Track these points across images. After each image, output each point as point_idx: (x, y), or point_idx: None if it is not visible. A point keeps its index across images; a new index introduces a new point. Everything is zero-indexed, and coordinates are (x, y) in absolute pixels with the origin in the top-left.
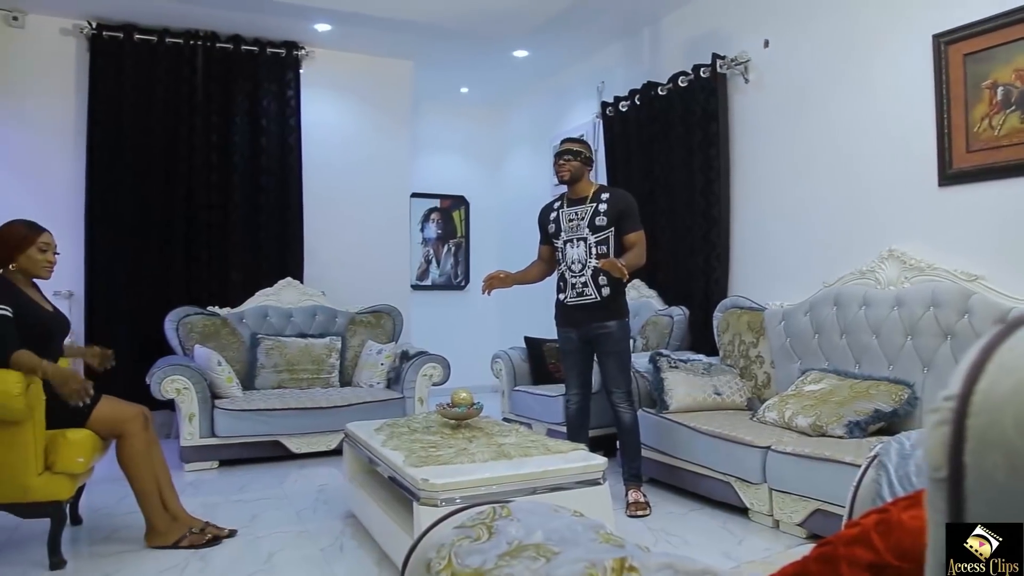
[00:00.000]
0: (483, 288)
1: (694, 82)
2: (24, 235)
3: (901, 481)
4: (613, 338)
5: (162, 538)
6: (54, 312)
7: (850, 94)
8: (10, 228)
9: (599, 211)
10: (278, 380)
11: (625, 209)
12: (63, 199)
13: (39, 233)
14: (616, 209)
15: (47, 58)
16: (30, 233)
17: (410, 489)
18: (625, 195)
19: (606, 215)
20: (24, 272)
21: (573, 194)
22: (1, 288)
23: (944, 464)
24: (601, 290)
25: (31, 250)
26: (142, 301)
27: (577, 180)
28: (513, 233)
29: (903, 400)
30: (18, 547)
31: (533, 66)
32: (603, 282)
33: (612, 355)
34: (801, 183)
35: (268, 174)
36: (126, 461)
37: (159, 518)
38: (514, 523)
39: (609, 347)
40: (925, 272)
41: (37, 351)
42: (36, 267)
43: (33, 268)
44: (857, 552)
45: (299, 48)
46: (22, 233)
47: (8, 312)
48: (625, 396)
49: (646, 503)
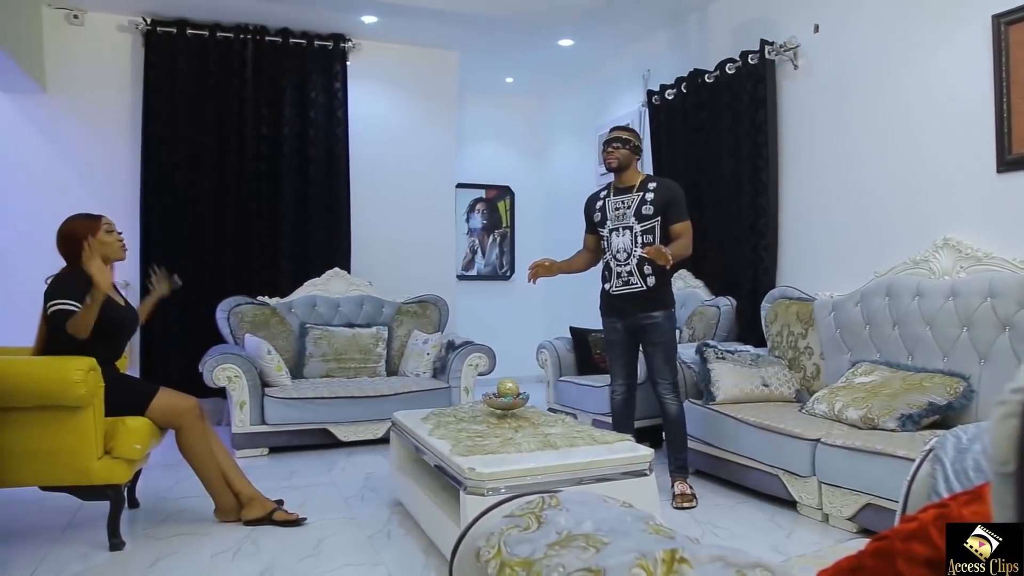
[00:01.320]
0: (529, 276)
1: (742, 69)
2: (89, 224)
3: (958, 476)
4: (659, 329)
5: (230, 514)
6: (126, 306)
7: (903, 78)
8: (73, 224)
9: (646, 200)
10: (326, 369)
11: (672, 199)
12: (120, 192)
13: (99, 218)
14: (663, 199)
15: (104, 54)
16: (92, 221)
17: (457, 478)
18: (672, 185)
19: (652, 204)
20: (104, 259)
21: (620, 183)
22: (74, 281)
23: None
24: (647, 279)
25: (100, 234)
26: (195, 291)
27: (625, 168)
28: (558, 223)
29: (958, 393)
30: (80, 528)
31: (578, 55)
32: (648, 271)
33: (658, 346)
34: (852, 170)
35: (316, 165)
36: (186, 452)
37: (222, 497)
38: (563, 513)
39: (655, 338)
40: (982, 261)
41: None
42: (113, 249)
43: (111, 251)
44: (915, 548)
45: (346, 40)
46: (86, 223)
47: (72, 306)
48: (671, 387)
49: (692, 495)
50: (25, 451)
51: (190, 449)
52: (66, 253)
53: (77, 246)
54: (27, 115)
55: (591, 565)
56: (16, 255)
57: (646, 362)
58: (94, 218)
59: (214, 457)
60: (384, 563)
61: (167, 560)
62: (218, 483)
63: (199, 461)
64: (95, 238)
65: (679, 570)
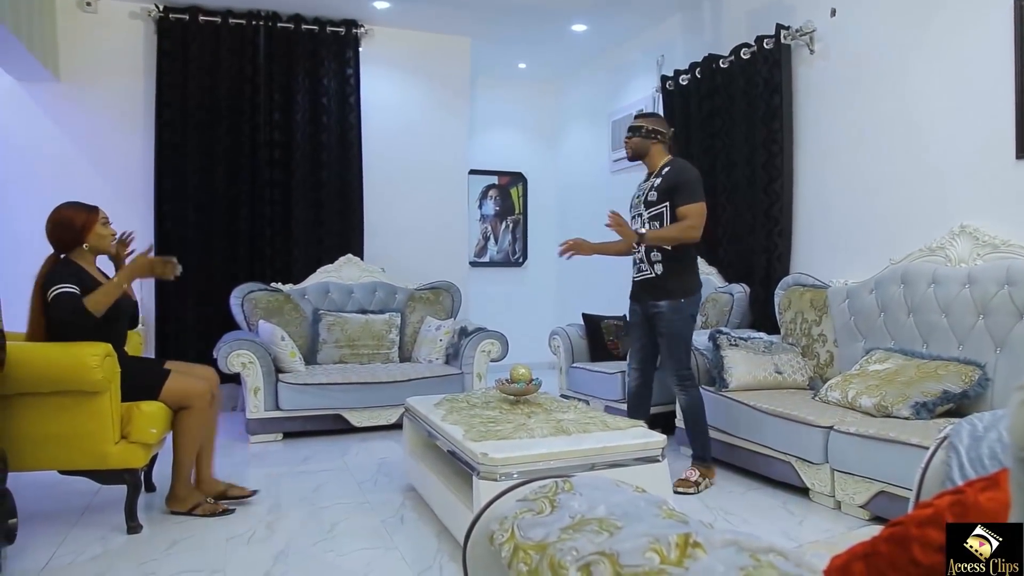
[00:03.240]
0: (561, 251)
1: (757, 54)
2: (86, 215)
3: (973, 463)
4: (663, 319)
5: (180, 504)
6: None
7: (921, 63)
8: (69, 212)
9: (654, 185)
10: (339, 355)
11: (678, 183)
12: (133, 179)
13: (96, 210)
14: (669, 183)
15: (117, 41)
16: (90, 212)
17: (470, 463)
18: (683, 168)
19: (657, 189)
20: (94, 250)
21: (649, 168)
22: (68, 270)
23: None
24: (654, 266)
25: (96, 227)
26: (209, 277)
27: (642, 155)
28: (571, 209)
29: (974, 381)
30: (98, 512)
31: (591, 40)
32: (656, 258)
33: (663, 336)
34: (868, 156)
35: (329, 152)
36: (180, 430)
37: (183, 487)
38: (577, 497)
39: (661, 327)
40: (999, 249)
41: (105, 330)
42: (104, 242)
43: (102, 244)
44: (930, 533)
45: (358, 26)
46: (83, 214)
47: (75, 289)
48: (676, 378)
49: (694, 483)
50: (44, 436)
51: (186, 430)
52: (58, 240)
53: (73, 234)
54: (40, 103)
55: (605, 549)
56: (30, 242)
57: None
58: (91, 209)
59: (198, 448)
60: (397, 547)
61: (183, 543)
62: (186, 471)
63: (186, 444)
64: (90, 232)
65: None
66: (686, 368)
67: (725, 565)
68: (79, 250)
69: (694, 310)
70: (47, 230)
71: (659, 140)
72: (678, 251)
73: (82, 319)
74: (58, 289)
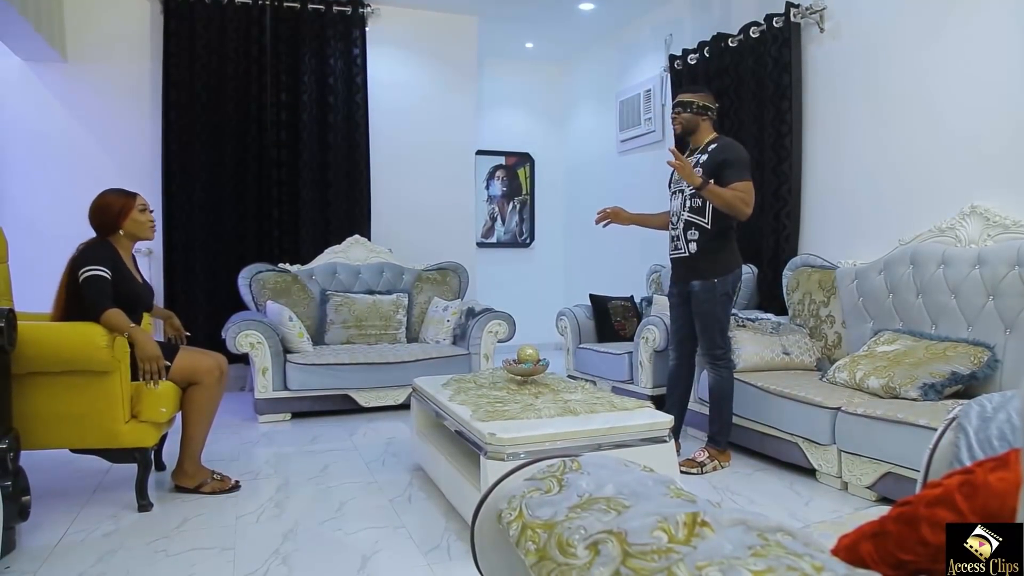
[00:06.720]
0: (597, 219)
1: (766, 33)
2: (124, 201)
3: (982, 444)
4: (696, 298)
5: (187, 480)
6: (144, 283)
7: (933, 41)
8: (108, 198)
9: (700, 162)
10: (347, 336)
11: (726, 159)
12: (141, 160)
13: (134, 196)
14: (716, 160)
15: (124, 22)
16: (128, 198)
17: (477, 443)
18: (731, 145)
19: (702, 166)
20: (131, 236)
21: (693, 144)
22: (104, 252)
23: None
24: (689, 245)
25: (134, 212)
26: (217, 258)
27: (691, 131)
28: (579, 190)
29: (983, 362)
30: (109, 490)
31: (599, 19)
32: (691, 237)
33: (697, 316)
34: (877, 136)
35: (336, 132)
36: (190, 406)
37: (191, 463)
38: (584, 476)
39: (694, 306)
40: (1010, 229)
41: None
42: (142, 228)
43: (139, 230)
44: (939, 513)
45: (364, 5)
46: (121, 199)
47: (106, 273)
48: (710, 358)
49: (699, 464)
50: (55, 415)
51: (196, 406)
52: (98, 225)
53: (110, 219)
54: (47, 83)
55: (613, 527)
56: (39, 222)
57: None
58: (129, 195)
59: (208, 424)
60: (405, 526)
61: (193, 521)
62: (197, 446)
63: (196, 421)
64: (127, 218)
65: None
66: (719, 348)
67: (733, 544)
68: (116, 235)
69: (729, 289)
70: (89, 214)
71: (709, 116)
72: (716, 227)
73: (103, 303)
74: (90, 271)
